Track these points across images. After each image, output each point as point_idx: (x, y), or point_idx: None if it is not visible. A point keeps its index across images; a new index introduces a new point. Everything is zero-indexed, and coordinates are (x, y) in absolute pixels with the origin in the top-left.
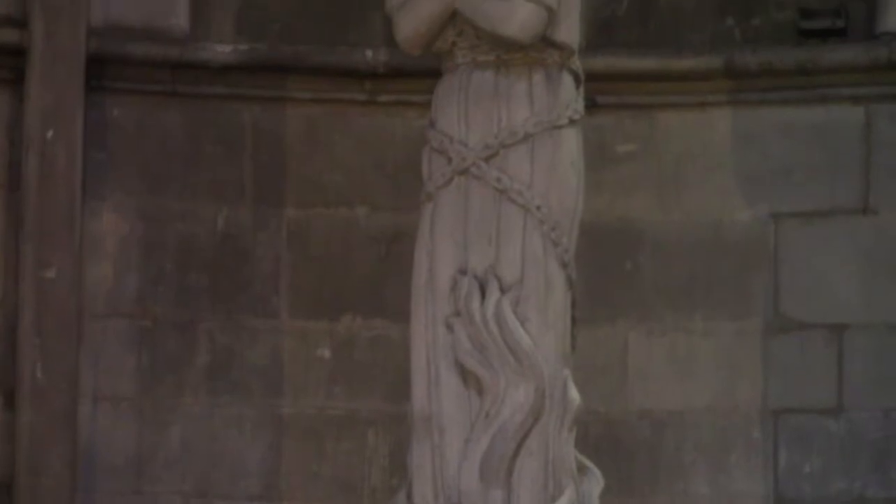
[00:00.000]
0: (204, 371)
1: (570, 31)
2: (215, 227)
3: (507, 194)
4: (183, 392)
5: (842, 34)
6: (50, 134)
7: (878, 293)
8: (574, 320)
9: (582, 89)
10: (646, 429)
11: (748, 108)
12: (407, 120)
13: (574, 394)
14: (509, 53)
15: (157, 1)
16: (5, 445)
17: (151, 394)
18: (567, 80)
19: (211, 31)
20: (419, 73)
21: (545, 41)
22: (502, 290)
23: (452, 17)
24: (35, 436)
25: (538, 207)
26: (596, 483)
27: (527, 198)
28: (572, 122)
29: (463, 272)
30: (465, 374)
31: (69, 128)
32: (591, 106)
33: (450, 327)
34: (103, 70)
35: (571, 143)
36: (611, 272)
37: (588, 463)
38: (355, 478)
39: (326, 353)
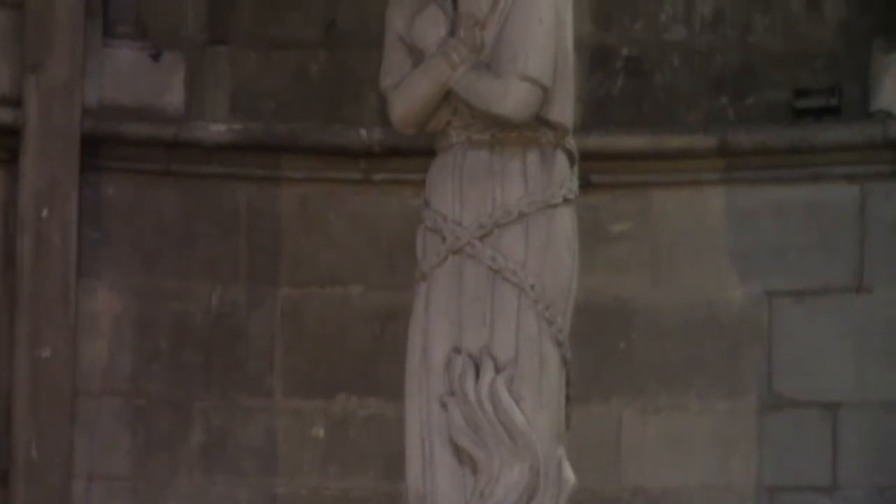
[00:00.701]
0: (198, 450)
1: (564, 111)
2: (209, 306)
3: (501, 273)
4: (177, 471)
5: (836, 113)
6: (44, 213)
7: (872, 371)
8: (568, 399)
9: (576, 168)
10: None
11: (742, 187)
12: (402, 199)
13: (569, 473)
14: (504, 132)
15: (152, 80)
16: None
17: (146, 472)
18: (561, 159)
19: (205, 110)
20: (414, 152)
21: (540, 120)
22: (497, 370)
23: (447, 97)
24: None
25: (532, 287)
26: None
27: (521, 277)
28: (566, 201)
29: (457, 351)
30: (459, 452)
31: (64, 207)
32: (586, 185)
33: (444, 406)
34: (98, 149)
35: (566, 222)
36: (605, 350)
37: None
38: None
39: (321, 433)
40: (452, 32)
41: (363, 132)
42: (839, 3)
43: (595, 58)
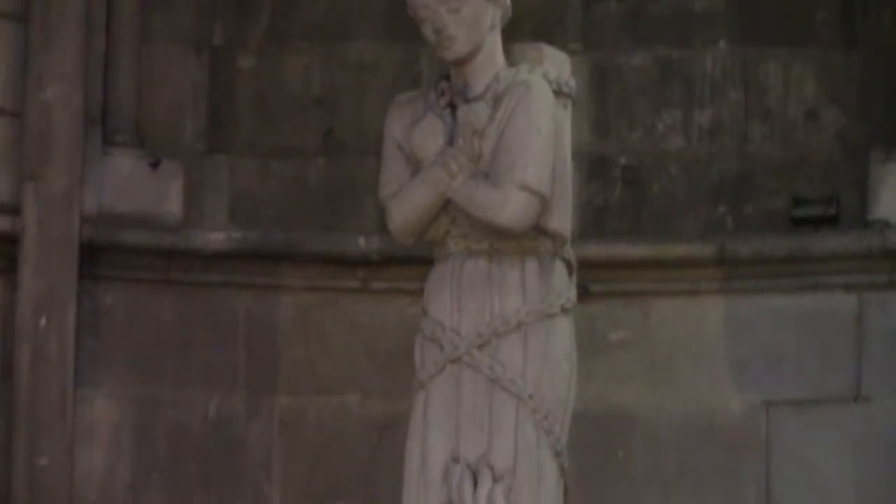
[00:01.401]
0: None
1: (562, 220)
2: (207, 415)
3: (499, 383)
4: None
5: (834, 222)
6: (42, 322)
7: (870, 482)
8: None
9: (574, 277)
10: None
11: (740, 296)
12: (400, 307)
13: None
14: (502, 242)
15: (151, 188)
16: None
17: None
18: (560, 268)
19: (204, 218)
20: (412, 261)
21: (538, 229)
22: (494, 479)
23: (445, 206)
24: None
25: (531, 396)
26: None
27: (519, 386)
28: (564, 310)
29: (455, 460)
30: None
31: (62, 315)
32: (584, 293)
33: None
34: (96, 258)
35: (564, 331)
36: (603, 460)
37: None
38: None
39: None
40: (451, 141)
41: (361, 240)
42: (837, 113)
43: (593, 167)
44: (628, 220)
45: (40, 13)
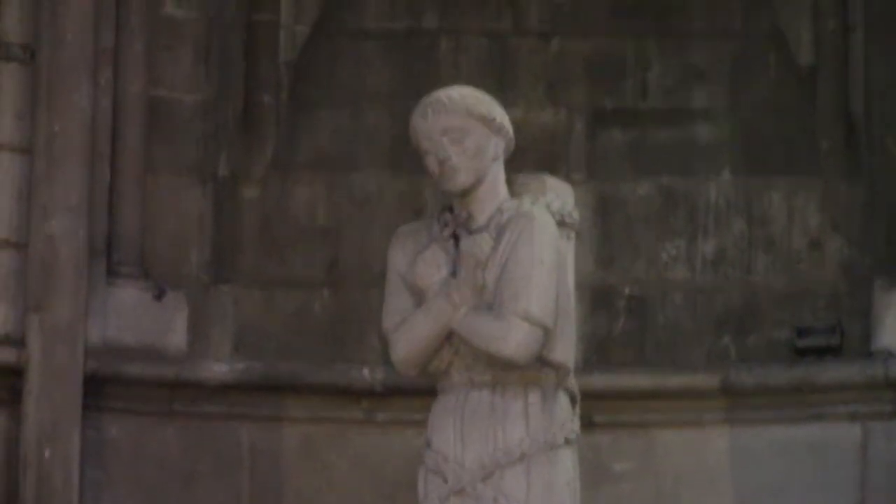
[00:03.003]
0: None
1: (565, 351)
2: None
3: None
4: None
5: (837, 352)
6: (47, 454)
7: None
8: None
9: (578, 408)
10: None
11: (744, 426)
12: (405, 439)
13: None
14: (506, 373)
15: (155, 320)
16: None
17: None
18: (563, 399)
19: (209, 349)
20: (417, 392)
21: (541, 361)
22: None
23: (449, 337)
24: None
25: None
26: None
27: None
28: (568, 441)
29: None
30: None
31: (66, 447)
32: (588, 424)
33: None
34: (100, 389)
35: (567, 462)
36: None
37: None
38: None
39: None
40: (454, 272)
41: (366, 371)
42: (841, 243)
43: (597, 297)
44: (633, 350)
45: (45, 145)
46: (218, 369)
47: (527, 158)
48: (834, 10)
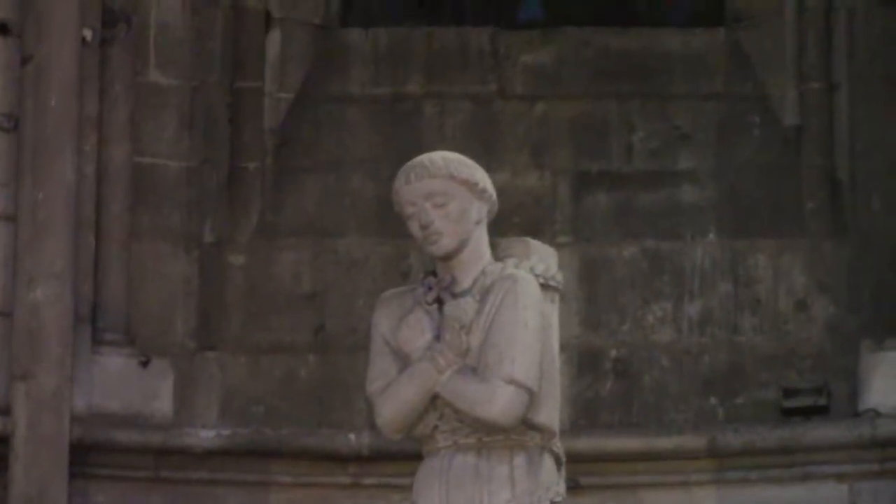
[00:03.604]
0: None
1: (550, 414)
2: None
3: None
4: None
5: (824, 412)
6: None
7: None
8: None
9: (563, 471)
10: None
11: (732, 487)
12: (391, 503)
13: None
14: (491, 436)
15: (141, 387)
16: None
17: None
18: (548, 462)
19: (195, 415)
20: (403, 456)
21: (526, 424)
22: None
23: (433, 401)
24: None
25: None
26: None
27: None
28: None
29: None
30: None
31: None
32: (574, 487)
33: None
34: (86, 456)
35: None
36: None
37: None
38: None
39: None
40: (438, 336)
41: (352, 436)
42: (827, 304)
43: (583, 359)
44: (619, 412)
45: (29, 213)
46: (204, 435)
47: (512, 222)
48: (817, 70)
